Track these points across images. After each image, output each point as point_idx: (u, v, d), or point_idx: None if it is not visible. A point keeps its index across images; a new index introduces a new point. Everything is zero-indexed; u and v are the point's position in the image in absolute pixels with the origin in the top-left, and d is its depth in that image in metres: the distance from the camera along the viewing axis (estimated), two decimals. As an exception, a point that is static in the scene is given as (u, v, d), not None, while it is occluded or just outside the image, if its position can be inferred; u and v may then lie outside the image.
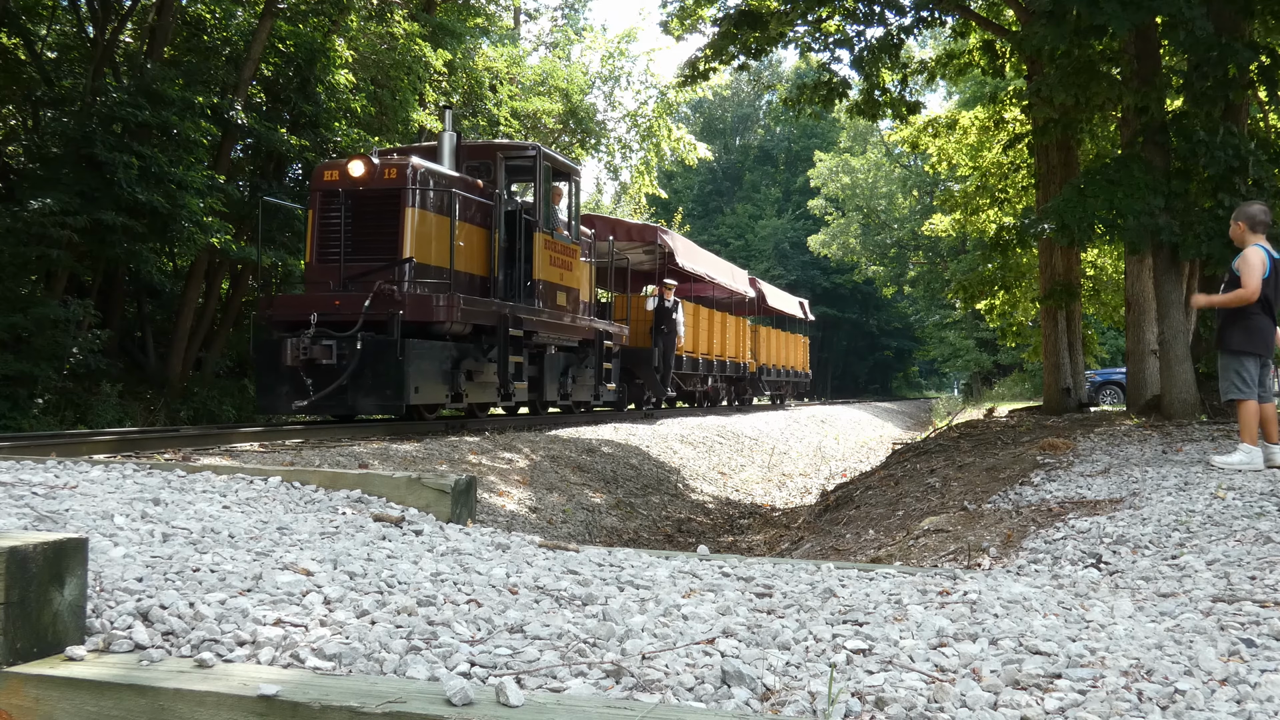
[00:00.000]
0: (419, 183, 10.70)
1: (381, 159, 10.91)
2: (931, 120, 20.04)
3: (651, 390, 18.06)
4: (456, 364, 10.98)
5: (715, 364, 21.51)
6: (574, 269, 13.72)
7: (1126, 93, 10.07)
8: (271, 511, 4.22)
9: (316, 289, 10.70)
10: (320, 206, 10.84)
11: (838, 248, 52.66)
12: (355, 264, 10.55)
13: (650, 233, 17.84)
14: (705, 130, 61.74)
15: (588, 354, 14.35)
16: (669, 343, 17.55)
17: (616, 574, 3.47)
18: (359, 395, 9.94)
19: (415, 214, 10.65)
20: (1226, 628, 2.90)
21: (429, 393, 10.52)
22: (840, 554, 6.51)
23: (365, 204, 10.70)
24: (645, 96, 26.78)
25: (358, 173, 10.63)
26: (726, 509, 12.14)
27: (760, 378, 25.74)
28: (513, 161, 12.71)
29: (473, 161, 12.56)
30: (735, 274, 23.54)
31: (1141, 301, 12.16)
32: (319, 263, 10.81)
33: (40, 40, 15.69)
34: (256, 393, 10.88)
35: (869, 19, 13.92)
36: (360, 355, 9.81)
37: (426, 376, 10.39)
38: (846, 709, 2.17)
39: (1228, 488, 5.56)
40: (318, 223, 10.85)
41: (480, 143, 14.04)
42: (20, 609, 2.26)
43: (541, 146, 12.81)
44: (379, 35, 18.46)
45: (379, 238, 10.61)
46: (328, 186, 10.82)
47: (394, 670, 2.34)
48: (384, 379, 9.91)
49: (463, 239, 11.26)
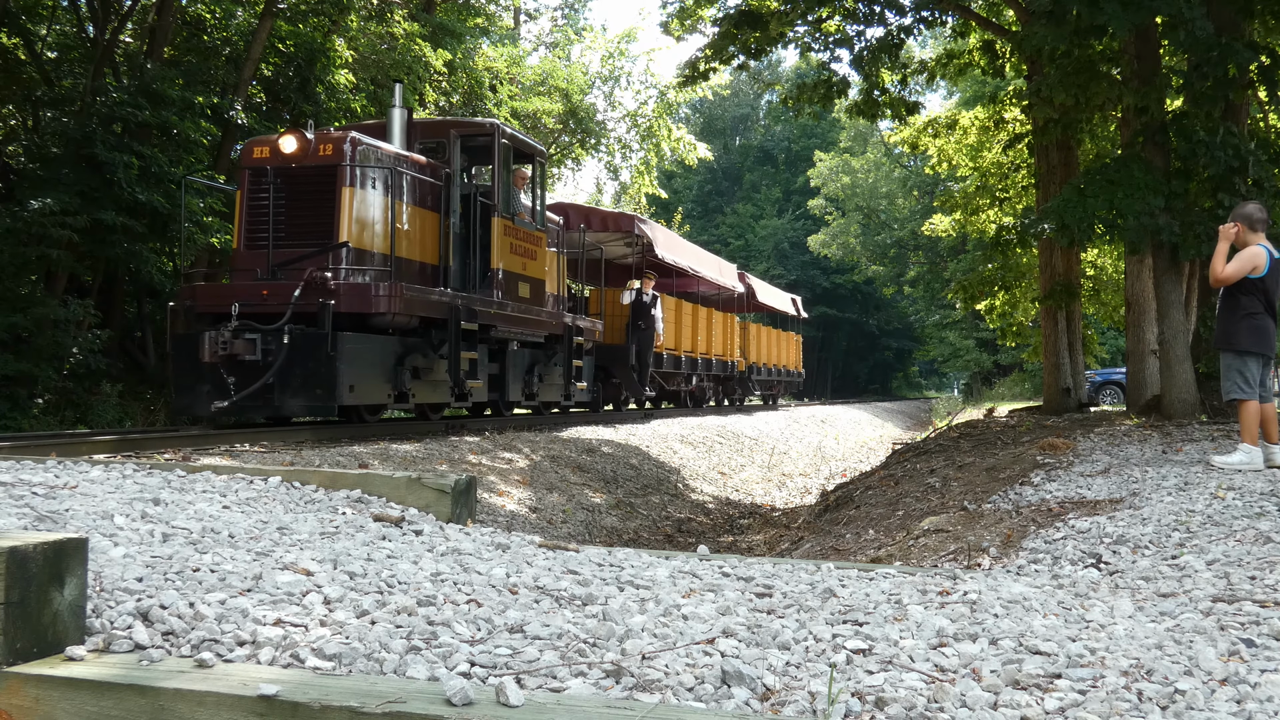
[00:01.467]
0: (358, 160, 9.81)
1: (317, 134, 10.00)
2: (931, 120, 20.04)
3: (629, 390, 17.04)
4: (401, 360, 10.10)
5: (700, 362, 20.45)
6: (539, 258, 12.72)
7: (1126, 93, 10.07)
8: (271, 511, 4.22)
9: (244, 277, 9.77)
10: (249, 186, 9.89)
11: (838, 248, 52.67)
12: (286, 249, 9.64)
13: (627, 222, 16.72)
14: (705, 130, 61.72)
15: (556, 351, 13.36)
16: (647, 339, 16.46)
17: (616, 574, 3.47)
18: (286, 395, 9.06)
19: (353, 194, 9.74)
20: (1226, 628, 2.90)
21: (367, 392, 9.62)
22: (840, 554, 6.51)
23: (298, 183, 9.80)
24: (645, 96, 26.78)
25: (290, 149, 9.71)
26: (726, 509, 12.14)
27: (750, 377, 24.72)
28: (469, 140, 11.67)
29: (426, 140, 11.59)
30: (723, 268, 22.55)
31: (1141, 301, 12.16)
32: (247, 249, 9.87)
33: (40, 40, 15.69)
34: (173, 393, 9.98)
35: (869, 19, 13.91)
36: (287, 350, 8.95)
37: (363, 374, 9.48)
38: (846, 709, 2.17)
39: (1228, 488, 5.56)
40: (246, 204, 9.90)
41: (434, 120, 13.01)
42: (20, 609, 2.26)
43: (501, 124, 11.85)
44: (379, 35, 18.46)
45: (313, 220, 9.73)
46: (257, 164, 9.86)
47: (394, 670, 2.34)
48: (314, 377, 9.03)
49: (409, 223, 10.50)
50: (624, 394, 17.41)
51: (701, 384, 21.64)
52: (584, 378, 14.09)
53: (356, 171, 9.79)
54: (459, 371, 10.43)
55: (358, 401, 9.60)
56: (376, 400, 9.96)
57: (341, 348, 9.10)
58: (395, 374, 10.02)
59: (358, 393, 9.43)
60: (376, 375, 9.75)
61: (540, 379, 13.10)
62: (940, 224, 24.60)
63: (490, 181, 11.71)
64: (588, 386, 14.48)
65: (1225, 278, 6.60)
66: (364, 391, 9.56)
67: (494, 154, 11.51)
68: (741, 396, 24.91)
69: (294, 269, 9.45)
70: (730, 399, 24.17)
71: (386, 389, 9.95)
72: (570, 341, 13.51)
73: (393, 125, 11.24)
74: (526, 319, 12.21)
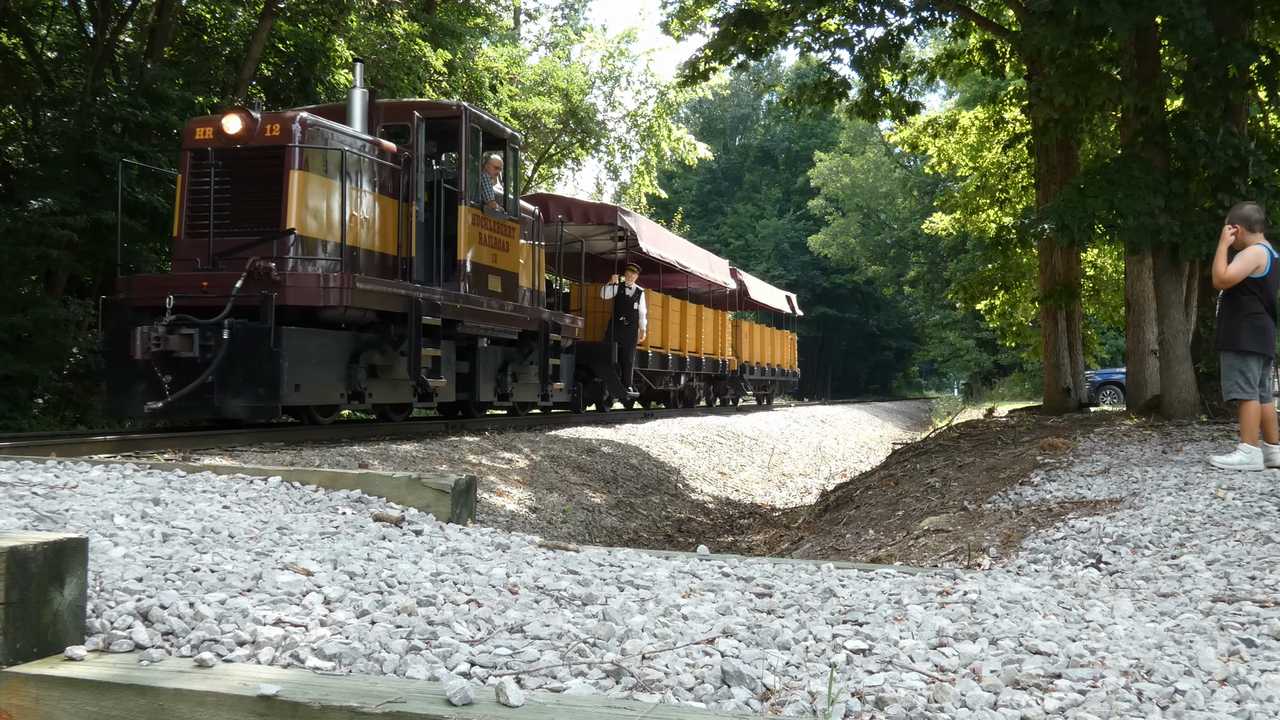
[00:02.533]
0: (307, 141, 9.15)
1: (264, 113, 9.37)
2: (931, 120, 20.05)
3: (611, 390, 16.14)
4: (355, 358, 9.47)
5: (689, 361, 19.65)
6: (511, 250, 12.02)
7: (1126, 93, 10.08)
8: (271, 511, 4.22)
9: (185, 268, 9.13)
10: (190, 169, 9.21)
11: (838, 248, 52.70)
12: (229, 238, 9.03)
13: (609, 214, 15.84)
14: (705, 130, 61.73)
15: (532, 349, 12.66)
16: (630, 337, 15.63)
17: (616, 574, 3.47)
18: (226, 395, 8.43)
19: (303, 178, 9.08)
20: (1226, 628, 2.90)
21: (316, 391, 8.98)
22: (840, 554, 6.51)
23: (242, 166, 9.16)
24: (645, 96, 26.78)
25: (234, 129, 9.08)
26: (726, 509, 12.14)
27: (742, 376, 24.00)
28: (435, 124, 10.92)
29: (390, 123, 10.92)
30: (713, 263, 21.72)
31: (1141, 301, 12.16)
32: (188, 237, 9.21)
33: (40, 40, 15.69)
34: (105, 393, 9.31)
35: (869, 19, 13.92)
36: (227, 346, 8.34)
37: (311, 372, 8.84)
38: (846, 709, 2.17)
39: (1228, 488, 5.56)
40: (187, 189, 9.24)
41: (397, 102, 12.19)
42: (20, 609, 2.26)
43: (469, 106, 11.13)
44: (379, 35, 18.47)
45: (258, 206, 9.11)
46: (199, 146, 9.18)
47: (394, 670, 2.34)
48: (255, 375, 8.41)
49: (367, 211, 9.87)
50: (606, 394, 16.61)
51: (691, 384, 20.95)
52: (562, 377, 13.51)
53: (306, 154, 9.13)
54: (420, 369, 9.77)
55: (305, 401, 8.98)
56: (327, 400, 9.32)
57: (286, 343, 8.49)
58: (349, 372, 9.39)
59: (305, 392, 8.79)
60: (327, 373, 9.10)
61: (514, 378, 12.46)
62: (940, 223, 24.60)
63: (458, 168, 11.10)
64: (566, 386, 13.89)
65: (1228, 279, 6.60)
66: (312, 391, 8.93)
67: (460, 138, 10.81)
68: (734, 397, 24.36)
69: (237, 258, 8.87)
70: (722, 399, 23.63)
71: (339, 388, 9.32)
72: (546, 339, 12.82)
73: (353, 107, 10.59)
74: (497, 314, 11.55)
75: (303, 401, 8.94)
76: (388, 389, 10.07)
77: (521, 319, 12.19)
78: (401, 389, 10.20)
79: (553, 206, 14.76)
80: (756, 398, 27.22)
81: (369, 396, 9.72)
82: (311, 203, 9.21)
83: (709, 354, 21.06)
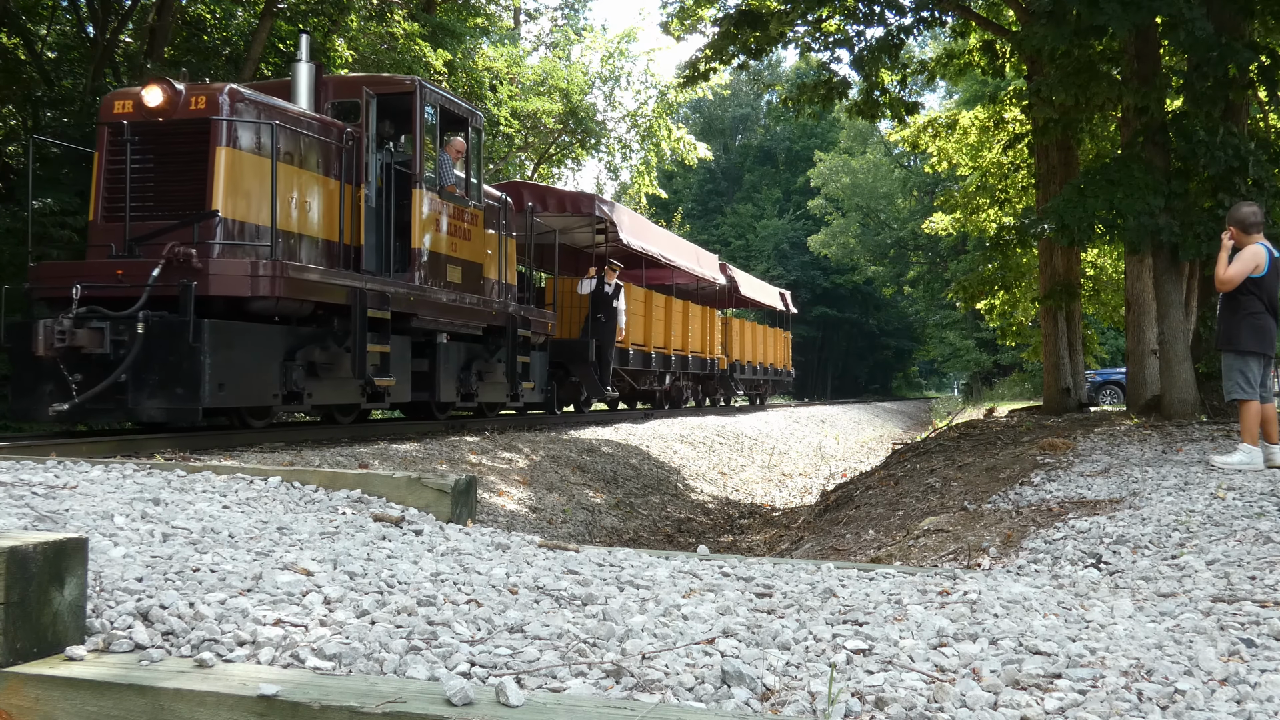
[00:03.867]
0: (237, 114, 8.38)
1: (189, 85, 8.58)
2: (931, 120, 20.06)
3: (589, 390, 15.29)
4: (292, 354, 8.67)
5: (675, 360, 18.68)
6: (474, 239, 11.20)
7: (1126, 93, 10.08)
8: (271, 511, 4.22)
9: (100, 255, 8.35)
10: (108, 147, 8.46)
11: (838, 248, 52.70)
12: (149, 221, 8.25)
13: (587, 203, 14.86)
14: (705, 130, 61.72)
15: (500, 345, 11.81)
16: (608, 333, 14.78)
17: (616, 574, 3.47)
18: (142, 395, 7.69)
19: (230, 155, 8.29)
20: (1226, 628, 2.91)
21: (243, 391, 8.23)
22: (840, 554, 6.52)
23: (164, 142, 8.40)
24: (645, 96, 26.78)
25: (155, 101, 8.32)
26: (726, 509, 12.14)
27: (733, 375, 23.04)
28: (388, 101, 10.10)
29: (340, 100, 10.11)
30: (701, 258, 20.71)
31: (1141, 301, 12.16)
32: (105, 220, 8.44)
33: (40, 40, 15.70)
34: (9, 394, 8.51)
35: (869, 19, 13.92)
36: (142, 341, 7.58)
37: (238, 370, 8.07)
38: (846, 709, 2.17)
39: (1228, 488, 5.56)
40: (104, 167, 8.48)
41: (347, 77, 11.21)
42: (20, 609, 2.26)
43: (424, 81, 10.33)
44: (379, 35, 18.47)
45: (181, 186, 8.32)
46: (117, 120, 8.42)
47: (394, 670, 2.34)
48: (173, 373, 7.67)
49: (308, 194, 9.08)
50: (584, 394, 15.67)
51: (677, 383, 20.04)
52: (533, 376, 12.66)
53: (235, 128, 8.36)
54: (365, 367, 9.00)
55: (231, 403, 8.25)
56: (258, 401, 8.57)
57: (207, 338, 7.72)
58: (285, 371, 8.59)
59: (231, 392, 8.05)
60: (257, 372, 8.32)
61: (480, 377, 11.64)
62: (940, 223, 24.60)
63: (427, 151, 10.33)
64: (539, 385, 13.06)
65: (1229, 279, 6.61)
66: (240, 391, 8.19)
67: (415, 116, 10.03)
68: (724, 397, 23.68)
69: (154, 244, 8.08)
70: (711, 399, 22.92)
71: (273, 388, 8.52)
72: (514, 334, 11.91)
73: (298, 82, 9.77)
74: (458, 307, 10.71)
75: (229, 403, 8.19)
76: (331, 389, 9.26)
77: (486, 313, 11.37)
78: (347, 389, 9.39)
79: (527, 194, 13.98)
80: (749, 398, 26.62)
81: (308, 397, 8.90)
82: (241, 183, 8.40)
83: (696, 352, 20.25)
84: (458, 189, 10.83)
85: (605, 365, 14.79)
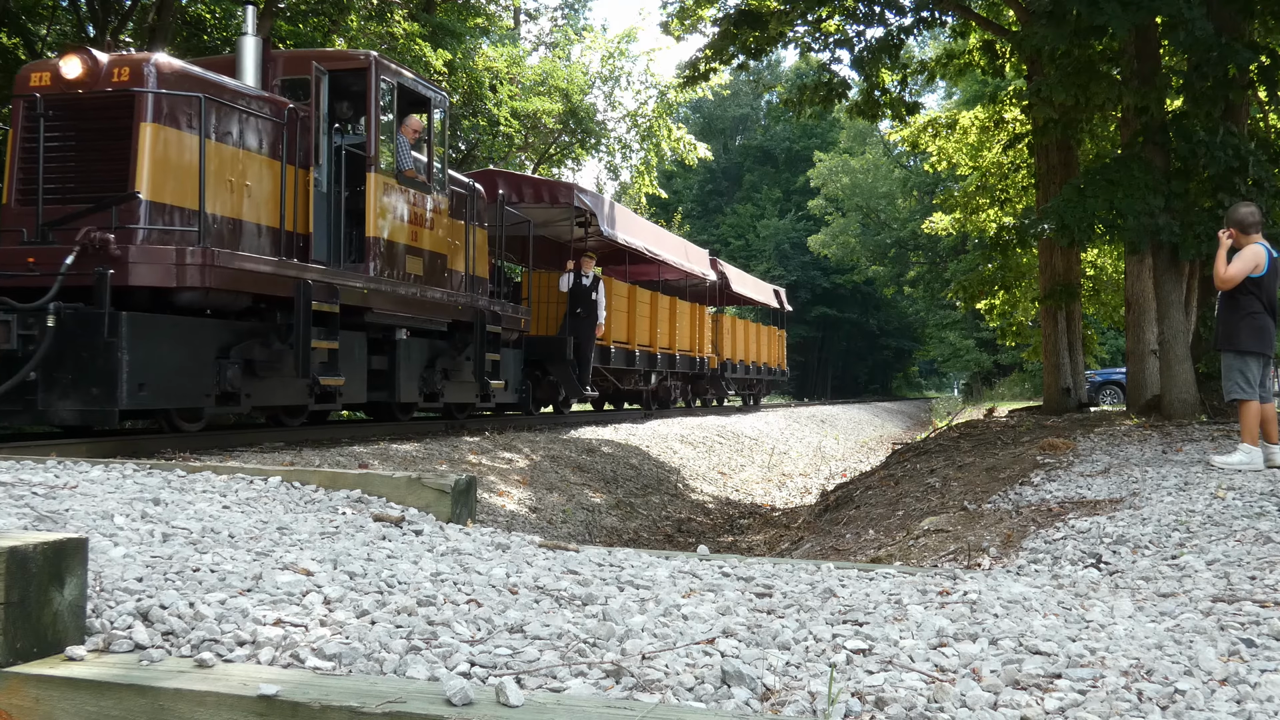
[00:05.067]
0: (164, 86, 7.64)
1: (112, 55, 7.91)
2: (931, 120, 20.07)
3: (567, 389, 14.51)
4: (226, 351, 8.00)
5: (661, 358, 17.79)
6: (439, 228, 10.52)
7: (1126, 93, 10.08)
8: (271, 511, 4.22)
9: (13, 240, 7.64)
10: (23, 123, 7.74)
11: (838, 248, 52.72)
12: (62, 204, 7.53)
13: (564, 192, 14.06)
14: (705, 130, 61.72)
15: (468, 342, 11.13)
16: (587, 330, 14.07)
17: (616, 574, 3.47)
18: (53, 396, 7.06)
19: (156, 132, 7.57)
20: (1226, 628, 2.91)
21: (169, 392, 7.54)
22: (840, 554, 6.52)
23: (84, 117, 7.69)
24: (645, 96, 26.78)
25: (73, 73, 7.64)
26: (726, 509, 12.14)
27: (723, 374, 22.22)
28: (341, 77, 9.38)
29: (289, 77, 9.43)
30: (690, 252, 19.82)
31: (1141, 301, 12.16)
32: (18, 204, 7.74)
33: (40, 40, 15.69)
34: None
35: (869, 19, 13.92)
36: (53, 336, 6.93)
37: (161, 368, 7.38)
38: (846, 709, 2.17)
39: (1228, 488, 5.56)
40: (18, 146, 7.78)
41: (296, 52, 10.42)
42: (20, 609, 2.26)
43: (379, 56, 9.66)
44: (379, 35, 18.47)
45: (102, 166, 7.63)
46: (32, 93, 7.71)
47: (394, 670, 2.34)
48: (88, 371, 7.03)
49: (249, 176, 8.36)
50: (562, 394, 14.86)
51: (665, 383, 19.20)
52: (504, 374, 11.83)
53: (163, 103, 7.60)
54: (309, 365, 8.26)
55: (155, 405, 7.58)
56: (186, 403, 7.88)
57: (125, 332, 7.07)
58: (219, 369, 7.88)
59: (154, 393, 7.37)
60: (185, 370, 7.61)
61: (446, 376, 10.96)
62: (940, 223, 24.61)
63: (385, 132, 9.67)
64: (512, 384, 12.33)
65: (1229, 278, 6.61)
66: (164, 391, 7.50)
67: (369, 94, 9.37)
68: (716, 397, 22.94)
69: (70, 229, 7.41)
70: (702, 399, 22.20)
71: (204, 388, 7.82)
72: (483, 330, 11.18)
73: (243, 57, 9.05)
74: (418, 301, 10.03)
75: (151, 404, 7.53)
76: (273, 389, 8.58)
77: (450, 307, 10.68)
78: (291, 389, 8.73)
79: (502, 183, 13.29)
80: (742, 398, 25.97)
81: (246, 398, 8.23)
82: (168, 163, 7.66)
83: (684, 350, 19.43)
84: (418, 173, 10.17)
85: (585, 363, 14.12)
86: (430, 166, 10.39)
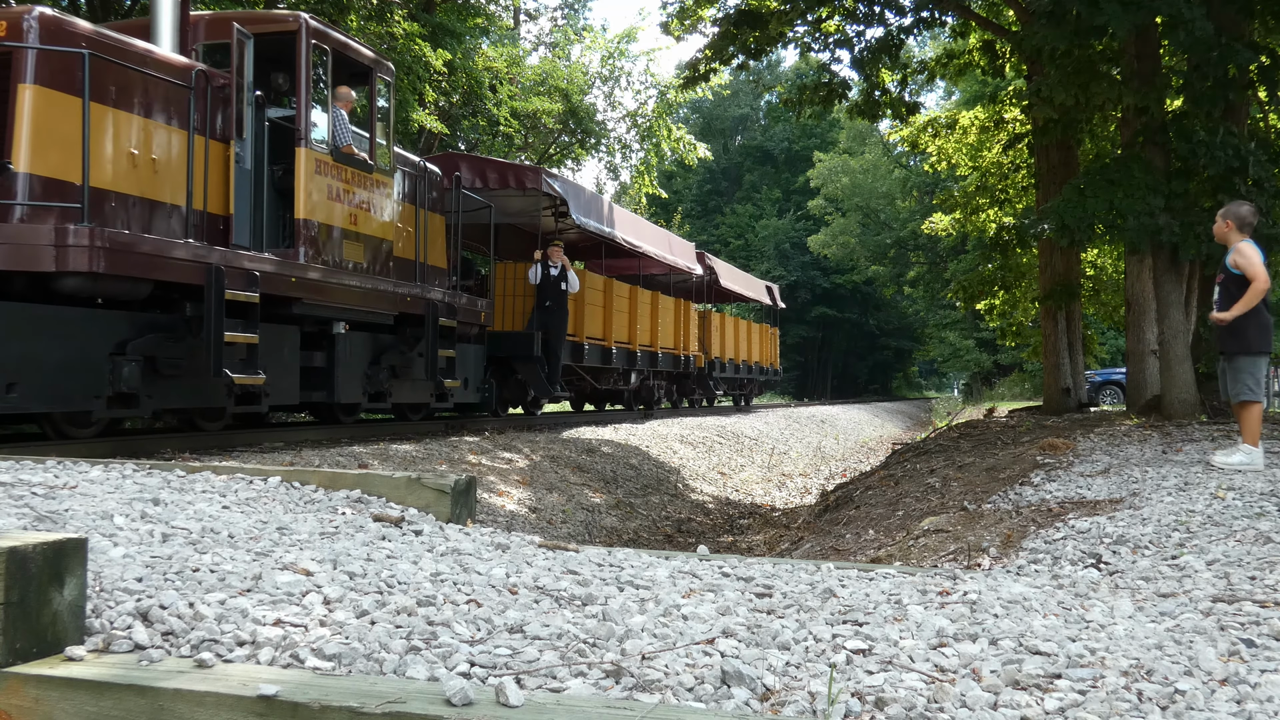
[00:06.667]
0: (49, 42, 6.76)
1: None
2: (931, 120, 20.06)
3: (536, 388, 13.47)
4: (121, 347, 7.09)
5: (642, 356, 16.87)
6: (384, 213, 9.69)
7: (1126, 93, 10.08)
8: (271, 511, 4.22)
9: None
10: None
11: (837, 248, 52.75)
12: None
13: (531, 176, 13.06)
14: (705, 130, 61.75)
15: (419, 338, 10.30)
16: (557, 325, 13.20)
17: (616, 574, 3.47)
18: None
19: (39, 95, 6.69)
20: (1226, 628, 2.91)
21: (47, 393, 6.65)
22: (840, 554, 6.51)
23: None
24: (645, 96, 26.79)
25: None
26: (726, 509, 12.14)
27: (711, 374, 21.34)
28: (268, 41, 8.49)
29: (211, 42, 8.63)
30: (675, 244, 18.72)
31: (1141, 301, 12.16)
32: None
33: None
34: None
35: (869, 19, 13.92)
36: None
37: (37, 366, 6.52)
38: (846, 709, 2.17)
39: (1228, 488, 5.56)
40: None
41: (218, 14, 9.43)
42: (20, 609, 2.26)
43: (313, 18, 8.80)
44: (379, 35, 18.46)
45: None
46: None
47: (394, 670, 2.34)
48: None
49: (156, 149, 7.50)
50: (531, 394, 13.87)
51: (647, 382, 18.18)
52: (461, 372, 10.97)
53: (48, 61, 6.73)
54: (221, 362, 7.38)
55: (29, 408, 6.66)
56: (69, 406, 6.96)
57: None
58: (113, 367, 7.02)
59: (29, 394, 6.50)
60: (68, 368, 6.76)
61: (394, 373, 10.13)
62: (940, 223, 24.61)
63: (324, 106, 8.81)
64: (472, 383, 11.49)
65: (1264, 276, 6.56)
66: (42, 393, 6.60)
67: (299, 59, 8.52)
68: (704, 397, 22.15)
69: None
70: (689, 400, 21.46)
71: (94, 389, 6.95)
72: (434, 324, 10.24)
73: (159, 19, 8.14)
74: (357, 291, 9.17)
75: (24, 407, 6.61)
76: (179, 390, 7.70)
77: (396, 298, 9.82)
78: (205, 389, 7.88)
79: (464, 168, 12.43)
80: (733, 398, 25.23)
81: (148, 399, 7.34)
82: (54, 131, 6.78)
83: (668, 348, 18.39)
84: (358, 151, 9.31)
85: (555, 360, 13.18)
86: (374, 144, 9.57)
